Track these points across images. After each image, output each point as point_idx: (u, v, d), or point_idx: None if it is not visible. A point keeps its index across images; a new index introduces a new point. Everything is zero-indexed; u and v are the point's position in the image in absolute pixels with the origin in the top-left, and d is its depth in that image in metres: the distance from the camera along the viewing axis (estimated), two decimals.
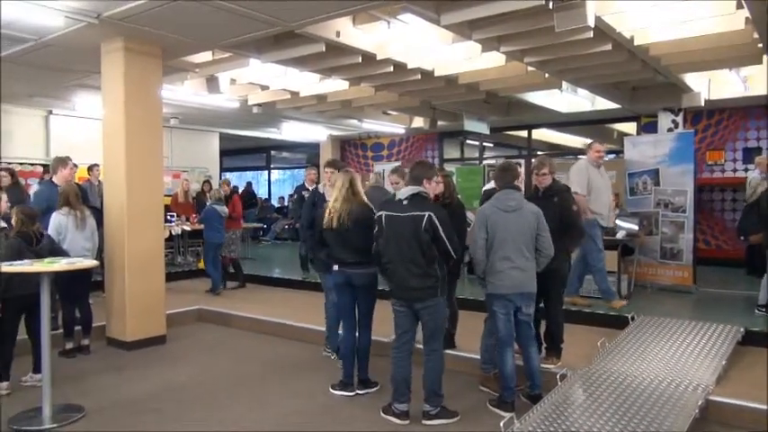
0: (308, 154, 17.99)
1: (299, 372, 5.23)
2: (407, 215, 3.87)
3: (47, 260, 4.22)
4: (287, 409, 4.35)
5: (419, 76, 7.46)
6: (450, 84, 8.05)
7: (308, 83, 8.60)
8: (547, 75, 7.48)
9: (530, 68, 7.14)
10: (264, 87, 8.87)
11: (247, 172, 20.07)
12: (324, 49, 6.10)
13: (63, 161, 6.20)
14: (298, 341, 6.12)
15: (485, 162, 12.63)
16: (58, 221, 5.24)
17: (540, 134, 13.00)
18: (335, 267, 4.54)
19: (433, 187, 4.19)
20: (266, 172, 19.42)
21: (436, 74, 7.42)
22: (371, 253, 4.17)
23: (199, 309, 7.40)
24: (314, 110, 10.47)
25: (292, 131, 13.91)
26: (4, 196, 5.48)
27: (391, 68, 7.04)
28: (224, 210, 8.42)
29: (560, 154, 13.62)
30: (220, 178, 15.12)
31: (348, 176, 4.53)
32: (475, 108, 10.39)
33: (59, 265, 3.95)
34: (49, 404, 4.08)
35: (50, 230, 5.14)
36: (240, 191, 16.77)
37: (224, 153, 15.87)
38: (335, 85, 8.61)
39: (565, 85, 8.30)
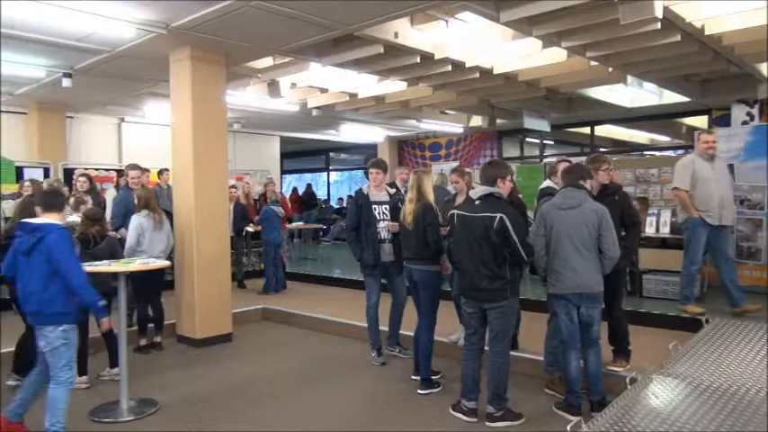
0: (366, 155, 18.13)
1: (362, 369, 5.28)
2: (479, 216, 3.84)
3: (123, 261, 4.45)
4: (352, 405, 4.42)
5: (477, 75, 7.38)
6: (509, 81, 7.93)
7: (367, 84, 8.67)
8: (611, 69, 7.25)
9: (592, 63, 6.95)
10: (324, 90, 9.02)
11: (306, 174, 20.44)
12: (382, 51, 6.14)
13: (128, 168, 6.60)
14: (361, 341, 6.18)
15: (545, 160, 12.37)
16: (138, 223, 5.50)
17: (604, 130, 12.61)
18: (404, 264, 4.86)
19: (508, 187, 4.11)
20: (325, 173, 19.71)
21: (495, 71, 7.33)
22: (434, 251, 4.32)
23: (263, 308, 7.60)
24: (372, 111, 10.54)
25: (350, 133, 14.05)
26: (89, 198, 5.82)
27: (449, 68, 7.00)
28: (281, 210, 8.63)
29: (625, 151, 13.19)
30: (281, 181, 15.51)
31: (416, 177, 4.73)
32: (535, 105, 10.20)
33: (135, 265, 4.15)
34: (126, 398, 4.29)
35: (130, 232, 5.44)
36: (300, 192, 17.20)
37: (284, 155, 16.21)
38: (393, 86, 8.64)
39: (630, 79, 8.01)
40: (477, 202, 3.91)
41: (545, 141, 13.65)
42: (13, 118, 9.85)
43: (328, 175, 19.59)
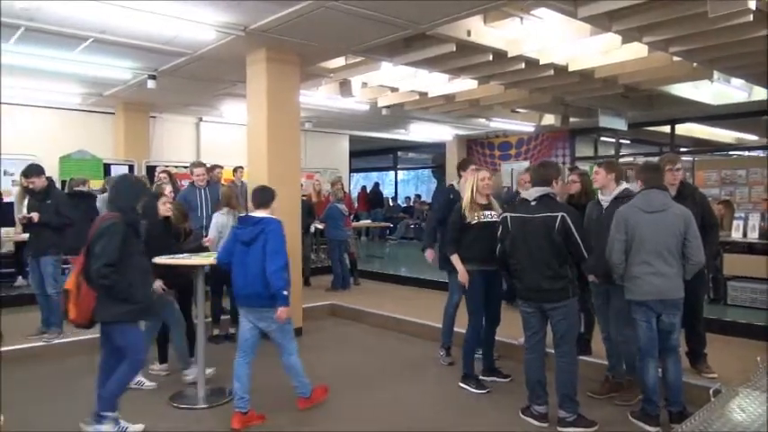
0: (434, 154, 18.10)
1: (431, 368, 5.28)
2: (538, 216, 3.81)
3: (203, 254, 4.64)
4: (421, 405, 4.43)
5: (552, 72, 7.21)
6: (585, 78, 7.68)
7: (437, 83, 8.64)
8: (695, 65, 6.90)
9: (675, 58, 6.62)
10: (394, 89, 9.06)
11: (373, 173, 20.62)
12: (454, 49, 6.10)
13: (193, 166, 6.89)
14: (430, 340, 6.17)
15: (621, 160, 11.92)
16: (220, 221, 5.71)
17: (685, 129, 12.00)
18: None
19: (560, 187, 4.12)
20: (392, 172, 19.81)
21: (570, 69, 7.13)
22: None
23: (331, 304, 7.72)
24: (441, 110, 10.51)
25: (419, 132, 14.05)
26: (169, 188, 6.12)
27: (522, 65, 6.87)
28: (345, 208, 8.75)
29: (708, 150, 12.52)
30: (349, 179, 15.70)
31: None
32: (612, 103, 9.84)
33: (213, 258, 4.31)
34: (203, 386, 4.47)
35: (211, 229, 5.69)
36: (368, 191, 17.38)
37: (353, 154, 16.42)
38: (464, 85, 8.57)
39: (716, 74, 7.59)
40: (533, 203, 3.88)
41: (621, 140, 13.15)
42: (102, 118, 10.49)
43: (396, 173, 19.67)
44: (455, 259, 4.60)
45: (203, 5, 5.05)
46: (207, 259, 4.39)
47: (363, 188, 17.92)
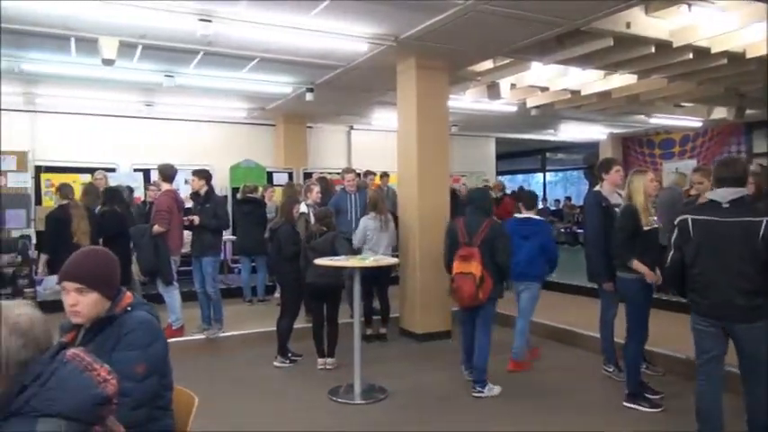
0: (586, 154, 17.18)
1: (585, 381, 5.04)
2: (735, 221, 3.28)
3: (359, 257, 4.87)
4: (571, 421, 4.21)
5: (725, 61, 6.55)
6: (764, 66, 6.86)
7: (591, 80, 8.24)
8: None
9: None
10: (544, 89, 8.79)
11: (518, 175, 20.11)
12: (612, 44, 5.78)
13: (345, 172, 7.14)
14: (585, 349, 5.89)
15: None
16: (365, 225, 5.98)
17: None
18: None
19: (750, 188, 3.62)
20: (539, 174, 19.18)
21: (748, 56, 6.41)
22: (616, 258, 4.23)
23: None
24: (595, 108, 10.02)
25: (569, 132, 13.49)
26: (316, 188, 6.49)
27: (690, 55, 6.31)
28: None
29: None
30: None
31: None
32: None
33: (369, 261, 4.50)
34: (359, 383, 4.66)
35: (358, 231, 5.97)
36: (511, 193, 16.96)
37: (499, 156, 16.17)
38: (621, 80, 8.08)
39: None
40: (725, 206, 3.36)
41: None
42: (264, 129, 11.44)
43: (544, 175, 19.02)
44: (638, 264, 4.24)
45: (357, 20, 5.31)
46: (363, 262, 4.58)
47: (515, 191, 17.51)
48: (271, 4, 4.91)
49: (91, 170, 8.33)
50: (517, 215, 5.52)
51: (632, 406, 4.30)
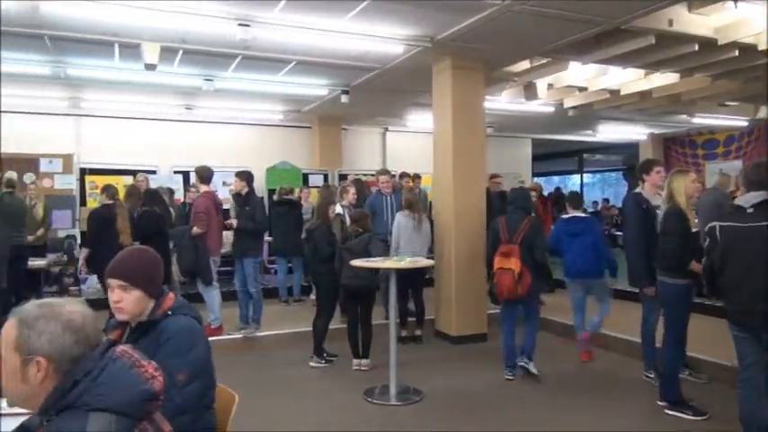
0: (625, 155, 16.86)
1: (625, 386, 4.93)
2: (758, 226, 3.19)
3: (395, 258, 4.87)
4: (608, 426, 4.13)
5: None
6: None
7: (631, 79, 8.07)
8: None
9: None
10: (582, 89, 8.65)
11: (554, 176, 19.81)
12: (653, 42, 5.66)
13: (379, 174, 7.19)
14: (625, 354, 5.77)
15: None
16: (399, 221, 6.00)
17: None
18: None
19: None
20: (577, 175, 18.87)
21: None
22: (672, 261, 4.07)
23: None
24: (635, 108, 9.81)
25: (608, 132, 13.23)
26: (352, 189, 6.53)
27: (736, 53, 6.13)
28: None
29: None
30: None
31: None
32: None
33: (405, 262, 4.50)
34: (395, 384, 4.67)
35: (394, 227, 6.01)
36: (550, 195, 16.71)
37: (535, 158, 15.96)
38: (662, 79, 7.89)
39: None
40: (749, 210, 3.25)
41: None
42: (300, 132, 11.53)
43: (581, 176, 18.70)
44: (695, 265, 4.06)
45: (393, 22, 5.32)
46: (399, 263, 4.58)
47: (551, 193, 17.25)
48: (307, 7, 4.96)
49: (132, 172, 8.56)
50: (563, 215, 5.67)
51: (675, 414, 4.18)
